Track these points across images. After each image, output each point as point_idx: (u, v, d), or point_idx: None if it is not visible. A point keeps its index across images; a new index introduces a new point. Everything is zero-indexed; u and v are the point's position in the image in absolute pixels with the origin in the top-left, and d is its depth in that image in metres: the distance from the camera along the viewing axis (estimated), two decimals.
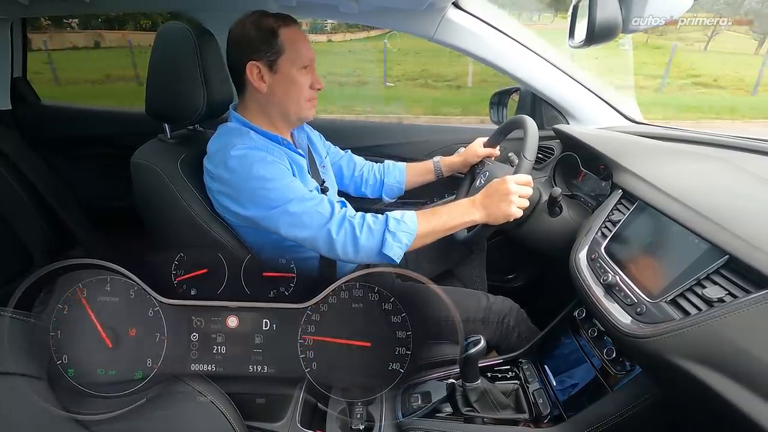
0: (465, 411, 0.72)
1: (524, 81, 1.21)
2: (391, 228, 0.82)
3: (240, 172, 0.81)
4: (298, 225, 0.82)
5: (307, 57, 0.88)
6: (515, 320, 1.00)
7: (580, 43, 0.94)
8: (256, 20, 0.85)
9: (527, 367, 0.87)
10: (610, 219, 0.81)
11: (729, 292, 0.52)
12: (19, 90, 1.56)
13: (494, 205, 0.86)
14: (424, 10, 1.09)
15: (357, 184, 1.19)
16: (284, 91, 0.88)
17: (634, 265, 0.69)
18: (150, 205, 0.91)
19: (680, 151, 0.94)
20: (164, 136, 0.95)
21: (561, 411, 0.76)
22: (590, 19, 0.86)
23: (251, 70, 0.86)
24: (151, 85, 0.90)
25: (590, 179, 1.05)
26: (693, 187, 0.71)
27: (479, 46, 1.18)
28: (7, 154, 1.36)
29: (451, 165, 1.18)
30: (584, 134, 1.07)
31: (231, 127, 0.89)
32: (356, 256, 0.83)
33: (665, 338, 0.54)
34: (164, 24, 0.89)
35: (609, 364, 0.74)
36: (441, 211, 0.88)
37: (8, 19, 1.44)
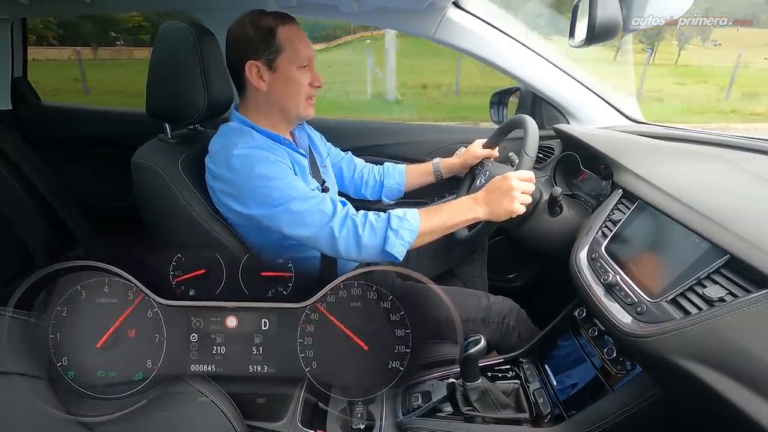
0: (465, 410, 0.72)
1: (524, 80, 1.21)
2: (394, 226, 0.82)
3: (242, 171, 0.81)
4: (300, 223, 0.82)
5: (306, 55, 0.88)
6: (516, 320, 1.00)
7: (580, 43, 0.94)
8: (254, 19, 0.85)
9: (528, 366, 0.87)
10: (610, 219, 0.81)
11: (729, 292, 0.52)
12: (20, 90, 1.56)
13: (497, 202, 0.85)
14: (424, 9, 1.09)
15: (357, 185, 1.19)
16: (283, 90, 0.88)
17: (635, 264, 0.69)
18: (150, 205, 0.91)
19: (681, 151, 0.94)
20: (165, 135, 0.95)
21: (561, 410, 0.76)
22: (590, 19, 0.86)
23: (250, 70, 0.86)
24: (151, 84, 0.90)
25: (591, 179, 1.05)
26: (694, 187, 0.71)
27: (479, 45, 1.18)
28: (8, 154, 1.37)
29: (451, 167, 1.17)
30: (585, 134, 1.07)
31: (233, 127, 0.89)
32: (359, 255, 0.83)
33: (666, 338, 0.54)
34: (164, 24, 0.89)
35: (609, 364, 0.74)
36: (443, 208, 0.87)
37: (8, 19, 1.44)
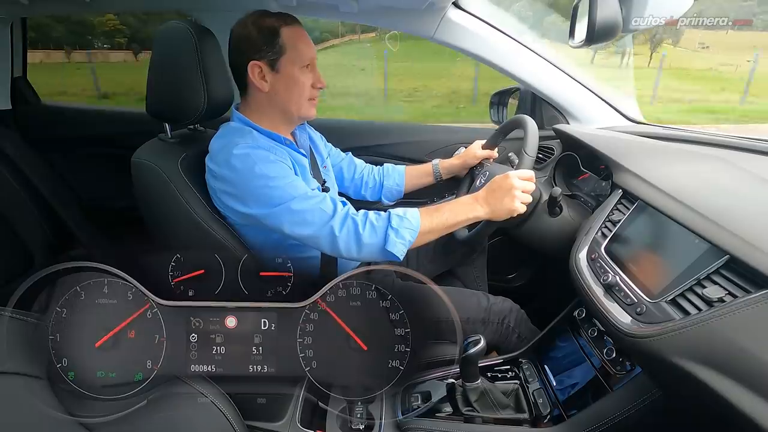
0: (465, 411, 0.72)
1: (524, 80, 1.21)
2: (394, 225, 0.82)
3: (243, 171, 0.81)
4: (301, 223, 0.82)
5: (309, 56, 0.88)
6: (515, 321, 1.00)
7: (580, 43, 0.94)
8: (257, 20, 0.86)
9: (527, 367, 0.87)
10: (610, 219, 0.81)
11: (729, 292, 0.52)
12: (20, 90, 1.56)
13: (497, 201, 0.85)
14: (424, 9, 1.09)
15: (357, 186, 1.19)
16: (286, 91, 0.88)
17: (635, 264, 0.69)
18: (150, 205, 0.91)
19: (680, 151, 0.94)
20: (165, 135, 0.95)
21: (561, 411, 0.76)
22: (590, 19, 0.86)
23: (253, 70, 0.86)
24: (151, 84, 0.90)
25: (590, 179, 1.05)
26: (693, 187, 0.71)
27: (479, 45, 1.18)
28: (8, 154, 1.37)
29: (450, 167, 1.18)
30: (584, 134, 1.07)
31: (234, 127, 0.89)
32: (359, 254, 0.83)
33: (665, 338, 0.54)
34: (164, 24, 0.89)
35: (609, 364, 0.74)
36: (444, 207, 0.87)
37: (8, 19, 1.44)
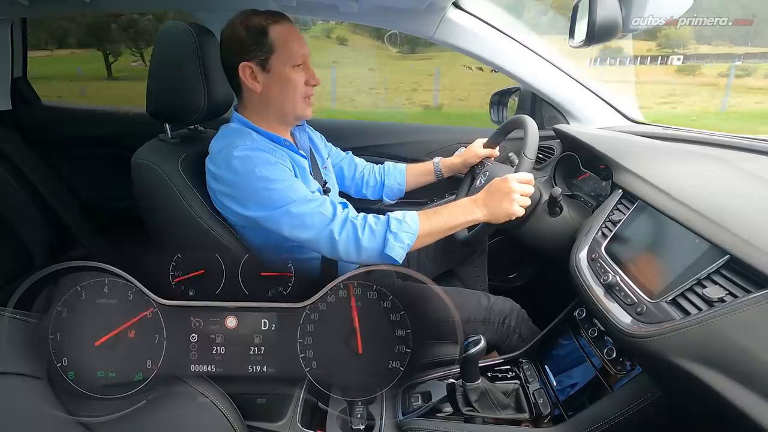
0: (465, 411, 0.72)
1: (524, 80, 1.21)
2: (393, 228, 0.82)
3: (242, 173, 0.81)
4: (300, 226, 0.82)
5: (300, 54, 0.86)
6: (516, 321, 1.00)
7: (580, 43, 0.94)
8: (245, 20, 0.84)
9: (527, 366, 0.87)
10: (610, 219, 0.81)
11: (729, 292, 0.52)
12: (20, 90, 1.56)
13: (496, 204, 0.85)
14: (424, 9, 1.09)
15: (358, 185, 1.19)
16: (279, 90, 0.87)
17: (635, 264, 0.69)
18: (150, 206, 0.91)
19: (680, 151, 0.94)
20: (165, 135, 0.95)
21: (561, 411, 0.76)
22: (590, 19, 0.86)
23: (244, 71, 0.85)
24: (151, 84, 0.90)
25: (590, 179, 1.05)
26: (693, 187, 0.71)
27: (479, 45, 1.18)
28: (8, 155, 1.37)
29: (451, 166, 1.17)
30: (584, 134, 1.07)
31: (233, 128, 0.89)
32: (358, 257, 0.83)
33: (666, 338, 0.54)
34: (165, 24, 0.89)
35: (609, 364, 0.74)
36: (442, 210, 0.87)
37: (8, 19, 1.44)
